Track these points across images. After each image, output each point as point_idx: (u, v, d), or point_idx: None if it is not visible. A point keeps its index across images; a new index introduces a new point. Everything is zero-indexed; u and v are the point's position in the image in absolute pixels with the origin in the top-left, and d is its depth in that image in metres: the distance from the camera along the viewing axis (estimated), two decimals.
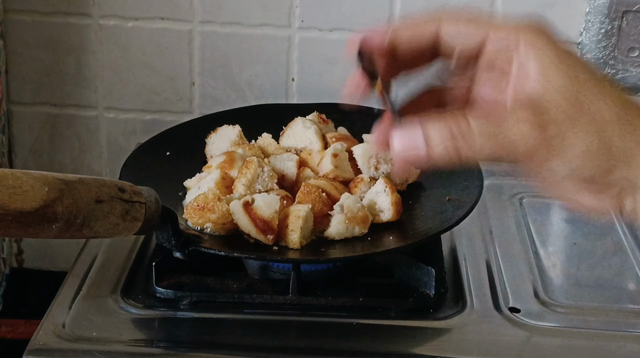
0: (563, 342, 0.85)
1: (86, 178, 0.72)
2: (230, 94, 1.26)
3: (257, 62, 1.24)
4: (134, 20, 1.22)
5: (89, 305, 0.87)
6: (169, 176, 0.99)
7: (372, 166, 0.96)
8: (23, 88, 1.27)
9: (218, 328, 0.85)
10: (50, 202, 0.67)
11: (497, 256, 0.99)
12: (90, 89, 1.26)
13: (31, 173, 0.67)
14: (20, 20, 1.23)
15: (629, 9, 1.16)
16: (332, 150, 0.95)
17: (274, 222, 0.85)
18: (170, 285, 0.88)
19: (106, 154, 1.30)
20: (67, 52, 1.25)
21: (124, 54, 1.24)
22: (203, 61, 1.24)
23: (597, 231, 1.06)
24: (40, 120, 1.28)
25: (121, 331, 0.84)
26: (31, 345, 0.81)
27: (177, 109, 1.27)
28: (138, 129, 1.28)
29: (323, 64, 1.23)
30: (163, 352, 0.82)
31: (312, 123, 1.01)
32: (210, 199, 0.87)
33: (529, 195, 1.13)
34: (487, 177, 1.04)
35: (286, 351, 0.83)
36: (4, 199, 0.64)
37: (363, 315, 0.87)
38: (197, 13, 1.22)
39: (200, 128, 1.06)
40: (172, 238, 0.82)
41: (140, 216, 0.76)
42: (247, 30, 1.22)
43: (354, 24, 1.21)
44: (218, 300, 0.88)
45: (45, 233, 0.68)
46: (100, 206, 0.71)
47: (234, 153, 0.96)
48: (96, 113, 1.28)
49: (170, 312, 0.87)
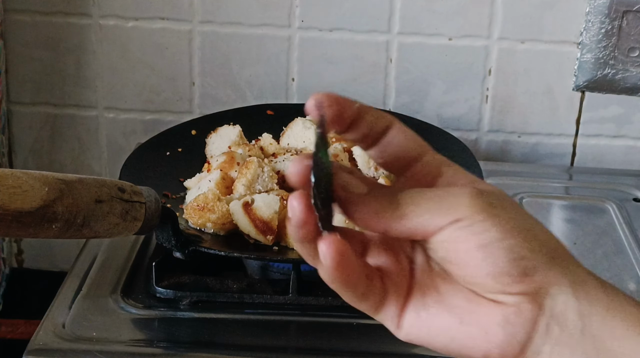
0: None
1: (86, 178, 0.72)
2: (230, 94, 1.26)
3: (257, 62, 1.24)
4: (134, 20, 1.22)
5: (89, 305, 0.87)
6: (169, 176, 0.99)
7: (372, 166, 0.96)
8: (23, 88, 1.27)
9: (218, 328, 0.85)
10: (50, 202, 0.67)
11: None
12: (90, 88, 1.26)
13: (31, 173, 0.67)
14: (20, 20, 1.23)
15: (629, 9, 1.16)
16: (332, 151, 0.95)
17: (273, 222, 0.85)
18: (170, 285, 0.88)
19: (106, 153, 1.30)
20: (67, 52, 1.25)
21: (124, 54, 1.24)
22: (203, 61, 1.24)
23: (598, 231, 1.06)
24: (40, 120, 1.28)
25: (121, 331, 0.84)
26: (31, 345, 0.81)
27: (177, 108, 1.27)
28: (138, 129, 1.28)
29: (323, 63, 1.23)
30: (163, 352, 0.82)
31: (312, 123, 1.01)
32: (210, 199, 0.87)
33: (529, 195, 1.13)
34: (487, 177, 1.04)
35: (286, 351, 0.83)
36: (4, 199, 0.64)
37: (363, 315, 0.85)
38: (197, 13, 1.22)
39: (200, 128, 1.06)
40: (172, 238, 0.82)
41: (140, 216, 0.76)
42: (247, 30, 1.22)
43: (354, 24, 1.21)
44: (218, 300, 0.88)
45: (45, 233, 0.68)
46: (100, 206, 0.71)
47: (234, 153, 0.96)
48: (96, 113, 1.28)
49: (170, 312, 0.87)
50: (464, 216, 0.48)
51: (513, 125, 1.26)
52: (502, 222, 0.48)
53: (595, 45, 1.18)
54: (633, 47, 1.18)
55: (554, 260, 0.49)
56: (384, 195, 0.50)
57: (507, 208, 0.49)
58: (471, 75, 1.23)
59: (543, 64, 1.22)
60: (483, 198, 0.49)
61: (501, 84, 1.23)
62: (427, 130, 1.10)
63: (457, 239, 0.48)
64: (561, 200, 1.14)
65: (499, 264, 0.48)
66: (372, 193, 0.50)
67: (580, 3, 1.18)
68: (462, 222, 0.48)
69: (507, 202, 0.50)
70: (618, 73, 1.19)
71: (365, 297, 0.52)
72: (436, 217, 0.48)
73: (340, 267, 0.49)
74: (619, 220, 1.07)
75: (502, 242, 0.48)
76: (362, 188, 0.50)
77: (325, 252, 0.48)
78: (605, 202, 1.12)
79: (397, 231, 0.50)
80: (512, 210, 0.49)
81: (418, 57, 1.22)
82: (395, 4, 1.20)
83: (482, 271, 0.48)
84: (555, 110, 1.24)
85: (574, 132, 1.25)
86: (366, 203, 0.50)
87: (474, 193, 0.49)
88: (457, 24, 1.21)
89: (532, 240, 0.49)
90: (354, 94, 1.23)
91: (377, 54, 1.23)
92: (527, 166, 1.25)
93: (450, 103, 1.25)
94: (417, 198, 0.49)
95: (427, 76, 1.24)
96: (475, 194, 0.49)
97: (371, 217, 0.49)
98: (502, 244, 0.48)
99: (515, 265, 0.48)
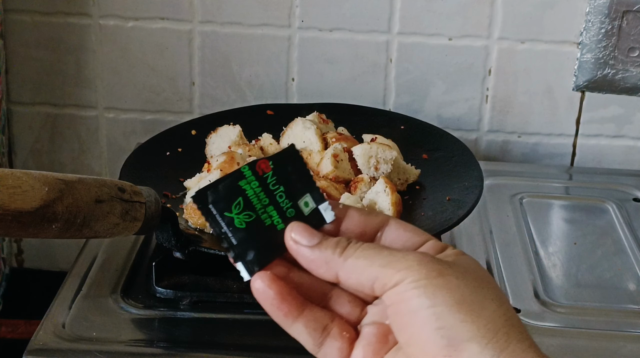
0: (563, 342, 0.85)
1: (86, 178, 0.72)
2: (230, 94, 1.26)
3: (257, 62, 1.24)
4: (134, 20, 1.22)
5: (89, 305, 0.87)
6: (169, 176, 0.99)
7: (372, 166, 0.96)
8: (23, 88, 1.27)
9: (218, 328, 0.85)
10: (50, 202, 0.67)
11: (497, 256, 0.99)
12: (90, 88, 1.26)
13: (31, 173, 0.67)
14: (20, 20, 1.23)
15: (629, 9, 1.16)
16: (332, 151, 0.95)
17: None
18: (170, 285, 0.88)
19: (106, 153, 1.30)
20: (67, 52, 1.25)
21: (124, 54, 1.24)
22: (203, 61, 1.24)
23: (598, 231, 1.06)
24: (40, 120, 1.28)
25: (121, 331, 0.84)
26: (31, 345, 0.81)
27: (177, 108, 1.27)
28: (138, 129, 1.28)
29: (323, 63, 1.23)
30: (163, 352, 0.82)
31: (312, 123, 1.01)
32: None
33: (529, 195, 1.13)
34: (487, 177, 1.04)
35: (286, 351, 0.83)
36: (4, 199, 0.64)
37: None
38: (197, 13, 1.22)
39: (200, 128, 1.06)
40: (172, 238, 0.82)
41: (140, 216, 0.76)
42: (247, 30, 1.22)
43: (354, 24, 1.21)
44: (218, 300, 0.88)
45: (45, 233, 0.68)
46: (100, 206, 0.71)
47: (234, 153, 0.96)
48: (96, 113, 1.28)
49: (170, 312, 0.87)
50: (402, 279, 0.49)
51: (513, 125, 1.26)
52: (443, 290, 0.48)
53: (595, 45, 1.18)
54: (633, 47, 1.18)
55: (492, 333, 0.48)
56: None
57: (459, 279, 0.49)
58: (471, 75, 1.23)
59: (543, 64, 1.22)
60: (432, 265, 0.49)
61: (501, 84, 1.23)
62: (427, 130, 1.10)
63: (395, 300, 0.49)
64: (561, 200, 1.14)
65: (424, 331, 0.48)
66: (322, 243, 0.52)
67: (580, 3, 1.18)
68: (400, 285, 0.49)
69: (467, 275, 0.50)
70: (618, 73, 1.19)
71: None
72: (382, 275, 0.49)
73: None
74: (619, 220, 1.07)
75: (431, 309, 0.48)
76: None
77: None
78: (605, 202, 1.12)
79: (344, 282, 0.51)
80: (467, 282, 0.49)
81: (418, 57, 1.22)
82: (395, 4, 1.20)
83: (413, 336, 0.49)
84: (555, 110, 1.24)
85: (574, 132, 1.26)
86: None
87: (425, 259, 0.49)
88: (457, 24, 1.21)
89: (470, 312, 0.48)
90: (355, 94, 1.24)
91: (377, 54, 1.23)
92: (527, 166, 1.25)
93: (450, 103, 1.25)
94: (371, 253, 0.51)
95: (427, 76, 1.24)
96: (426, 260, 0.49)
97: (321, 265, 0.51)
98: (430, 311, 0.48)
99: (439, 334, 0.48)
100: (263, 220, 0.52)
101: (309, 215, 0.53)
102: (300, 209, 0.53)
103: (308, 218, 0.53)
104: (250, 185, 0.52)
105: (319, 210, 0.53)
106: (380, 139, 1.01)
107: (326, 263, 0.51)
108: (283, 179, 0.53)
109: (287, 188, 0.53)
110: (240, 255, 0.52)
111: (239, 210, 0.51)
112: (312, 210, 0.53)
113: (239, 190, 0.52)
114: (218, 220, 0.51)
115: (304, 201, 0.53)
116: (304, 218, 0.53)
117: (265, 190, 0.52)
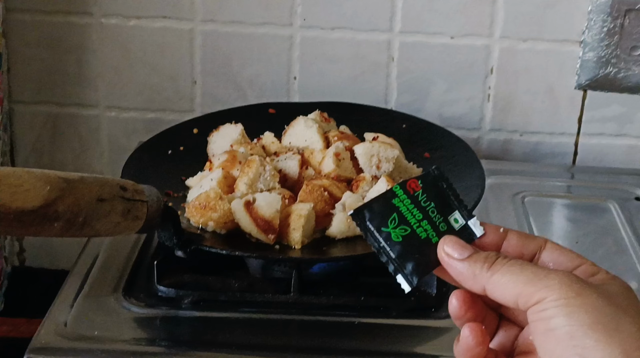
0: None
1: (88, 176, 0.72)
2: (231, 93, 1.26)
3: (259, 60, 1.24)
4: (135, 19, 1.22)
5: (91, 304, 0.87)
6: (171, 175, 0.99)
7: (373, 165, 0.96)
8: (24, 87, 1.27)
9: (219, 327, 0.85)
10: (52, 201, 0.67)
11: None
12: (91, 87, 1.26)
13: (33, 171, 0.67)
14: (21, 19, 1.23)
15: (632, 8, 1.16)
16: (334, 149, 0.95)
17: (275, 221, 0.85)
18: (171, 284, 0.88)
19: (107, 152, 1.30)
20: (69, 51, 1.25)
21: (125, 53, 1.24)
22: (204, 60, 1.24)
23: (599, 230, 1.06)
24: (42, 119, 1.28)
25: (123, 330, 0.84)
26: (33, 344, 0.81)
27: (179, 107, 1.27)
28: (139, 128, 1.28)
29: (325, 62, 1.23)
30: (164, 350, 0.82)
31: (314, 122, 1.01)
32: (212, 198, 0.87)
33: (531, 194, 1.13)
34: (488, 175, 1.04)
35: (287, 350, 0.83)
36: (6, 198, 0.64)
37: (364, 315, 0.87)
38: (199, 12, 1.22)
39: (202, 127, 1.06)
40: (174, 237, 0.82)
41: (142, 215, 0.76)
42: (249, 29, 1.22)
43: (356, 23, 1.21)
44: (219, 299, 0.87)
45: (47, 232, 0.68)
46: (101, 205, 0.71)
47: (236, 152, 0.96)
48: (97, 112, 1.28)
49: (171, 311, 0.87)
50: (543, 297, 0.51)
51: (515, 124, 1.25)
52: (580, 310, 0.50)
53: (597, 43, 1.18)
54: (635, 45, 1.17)
55: (625, 355, 0.49)
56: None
57: (599, 300, 0.51)
58: (473, 74, 1.23)
59: (545, 62, 1.22)
60: (573, 285, 0.51)
61: (503, 83, 1.23)
62: (428, 129, 1.10)
63: (536, 318, 0.51)
64: (563, 199, 1.14)
65: (559, 349, 0.50)
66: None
67: (582, 1, 1.18)
68: (541, 303, 0.51)
69: (609, 298, 0.52)
70: (620, 72, 1.19)
71: None
72: (525, 291, 0.52)
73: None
74: (620, 219, 1.07)
75: (566, 328, 0.50)
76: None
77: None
78: (607, 201, 1.12)
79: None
80: (606, 303, 0.51)
81: (419, 56, 1.22)
82: (396, 3, 1.20)
83: (550, 354, 0.51)
84: (557, 109, 1.24)
85: (576, 131, 1.25)
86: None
87: (567, 278, 0.51)
88: (458, 23, 1.20)
89: (605, 333, 0.50)
90: (356, 92, 1.24)
91: (379, 53, 1.23)
92: (528, 165, 1.25)
93: (451, 102, 1.25)
94: (516, 269, 0.53)
95: (428, 75, 1.23)
96: (568, 280, 0.51)
97: (469, 278, 0.54)
98: (565, 330, 0.50)
99: (574, 352, 0.49)
100: (418, 234, 0.56)
101: (459, 230, 0.57)
102: (450, 224, 0.57)
103: (458, 233, 0.56)
104: (403, 202, 0.56)
105: (468, 226, 0.57)
106: (381, 138, 1.01)
107: (474, 276, 0.54)
108: (432, 196, 0.57)
109: (437, 204, 0.57)
110: (399, 268, 0.56)
111: (395, 225, 0.55)
112: (461, 226, 0.57)
113: (392, 207, 0.56)
114: (376, 235, 0.56)
115: (454, 218, 0.57)
116: (455, 233, 0.56)
117: (417, 206, 0.56)
